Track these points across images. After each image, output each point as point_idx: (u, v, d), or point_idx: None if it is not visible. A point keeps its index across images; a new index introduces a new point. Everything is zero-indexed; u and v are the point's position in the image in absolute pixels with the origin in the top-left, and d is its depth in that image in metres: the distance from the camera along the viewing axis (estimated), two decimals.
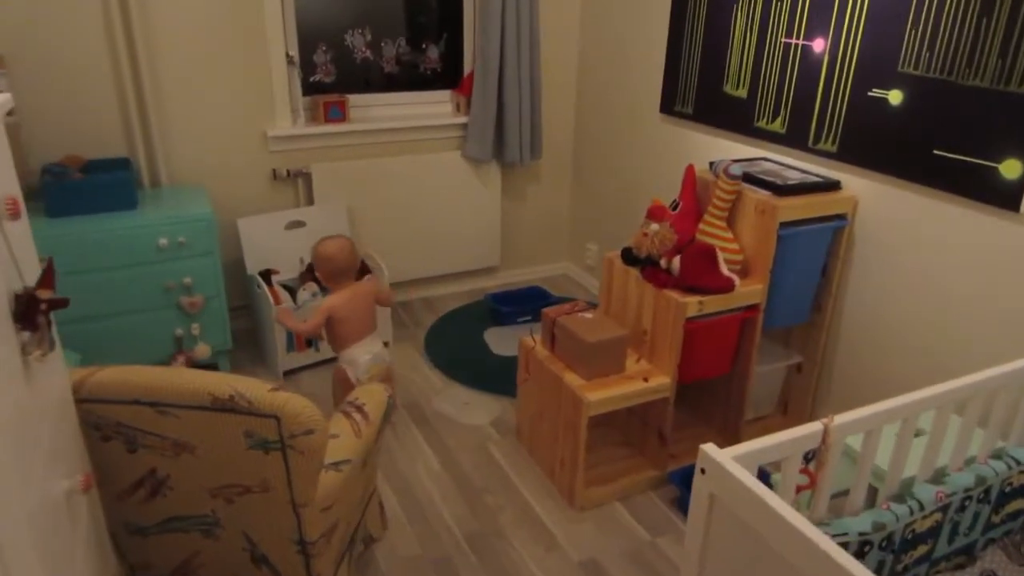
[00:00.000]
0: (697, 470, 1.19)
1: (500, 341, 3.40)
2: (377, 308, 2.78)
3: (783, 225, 2.30)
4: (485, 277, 4.01)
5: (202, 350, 2.88)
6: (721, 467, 1.15)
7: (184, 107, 3.08)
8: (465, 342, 3.40)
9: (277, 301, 2.99)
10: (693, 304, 2.25)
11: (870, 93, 2.29)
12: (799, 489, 1.33)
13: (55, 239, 2.54)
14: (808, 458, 1.29)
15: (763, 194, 2.35)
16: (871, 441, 1.36)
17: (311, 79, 3.43)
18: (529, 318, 3.59)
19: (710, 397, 2.69)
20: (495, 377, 3.10)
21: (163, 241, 2.68)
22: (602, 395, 2.24)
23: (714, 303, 2.29)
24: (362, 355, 2.64)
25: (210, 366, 3.01)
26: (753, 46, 2.68)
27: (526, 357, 2.55)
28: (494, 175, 3.76)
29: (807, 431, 1.26)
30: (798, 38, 2.50)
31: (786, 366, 2.66)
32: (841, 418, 1.28)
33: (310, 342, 3.10)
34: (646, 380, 2.33)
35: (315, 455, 1.56)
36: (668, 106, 3.17)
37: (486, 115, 3.52)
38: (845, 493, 1.54)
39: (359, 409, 1.95)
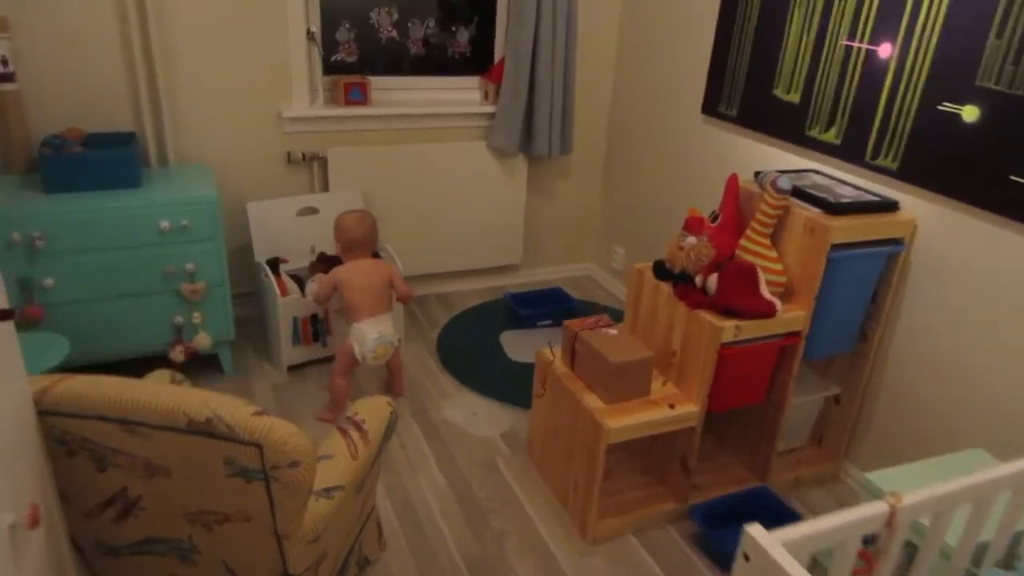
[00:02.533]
0: (739, 556, 1.01)
1: (517, 345, 3.22)
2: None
3: (833, 247, 2.09)
4: (505, 275, 3.83)
5: (202, 340, 2.73)
6: (767, 555, 0.97)
7: (196, 81, 2.91)
8: (480, 345, 3.22)
9: (284, 292, 2.83)
10: (730, 329, 2.05)
11: (940, 107, 2.06)
12: (855, 573, 1.14)
13: (51, 216, 2.40)
14: (868, 540, 1.11)
15: (813, 211, 2.13)
16: (940, 525, 1.17)
17: (332, 58, 3.25)
18: (549, 322, 3.40)
19: (739, 425, 2.49)
20: (509, 385, 2.93)
21: (165, 224, 2.53)
22: (624, 422, 2.06)
23: (752, 328, 2.09)
24: (370, 332, 2.58)
25: (211, 357, 2.87)
26: (810, 47, 2.45)
27: (543, 371, 2.37)
28: (520, 168, 3.56)
29: (868, 512, 1.07)
30: (861, 41, 2.27)
31: (824, 397, 2.46)
32: (910, 499, 1.09)
33: (317, 336, 2.95)
34: (672, 407, 2.14)
35: (300, 488, 1.39)
36: (711, 107, 2.95)
37: (516, 105, 3.32)
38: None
39: (358, 426, 1.78)
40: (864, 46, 2.27)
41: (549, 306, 3.45)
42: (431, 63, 3.46)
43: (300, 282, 2.96)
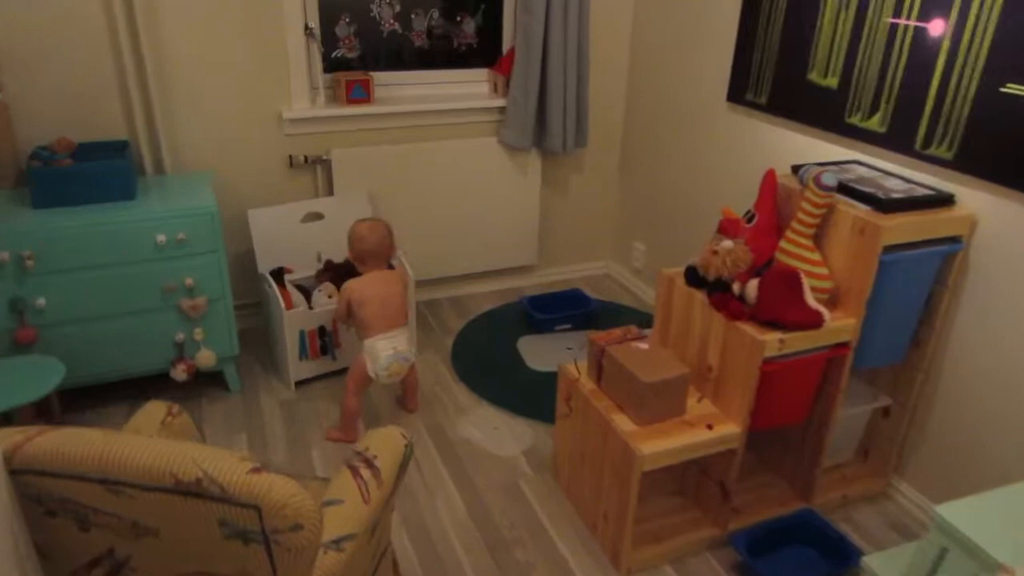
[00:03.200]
0: None
1: (535, 353, 3.05)
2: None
3: (885, 249, 1.90)
4: (520, 276, 3.65)
5: (205, 357, 2.58)
6: None
7: (190, 84, 2.74)
8: (496, 353, 3.05)
9: (289, 304, 2.67)
10: (773, 342, 1.87)
11: (1004, 89, 1.86)
12: None
13: (41, 232, 2.25)
14: None
15: (862, 209, 1.94)
16: None
17: (332, 54, 3.07)
18: (568, 326, 3.23)
19: (779, 441, 2.32)
20: (529, 397, 2.76)
21: (161, 238, 2.37)
22: (659, 447, 1.88)
23: (797, 341, 1.91)
24: (384, 349, 2.42)
25: (215, 374, 2.73)
26: (848, 26, 2.25)
27: (568, 389, 2.20)
28: (534, 164, 3.38)
29: None
30: (909, 18, 2.07)
31: (872, 409, 2.28)
32: None
33: (325, 349, 2.79)
34: (711, 428, 1.97)
35: (305, 551, 1.23)
36: (737, 94, 2.75)
37: (527, 97, 3.14)
38: None
39: (369, 464, 1.62)
40: (912, 23, 2.06)
41: (568, 309, 3.28)
42: (436, 56, 3.27)
43: (307, 292, 2.80)
